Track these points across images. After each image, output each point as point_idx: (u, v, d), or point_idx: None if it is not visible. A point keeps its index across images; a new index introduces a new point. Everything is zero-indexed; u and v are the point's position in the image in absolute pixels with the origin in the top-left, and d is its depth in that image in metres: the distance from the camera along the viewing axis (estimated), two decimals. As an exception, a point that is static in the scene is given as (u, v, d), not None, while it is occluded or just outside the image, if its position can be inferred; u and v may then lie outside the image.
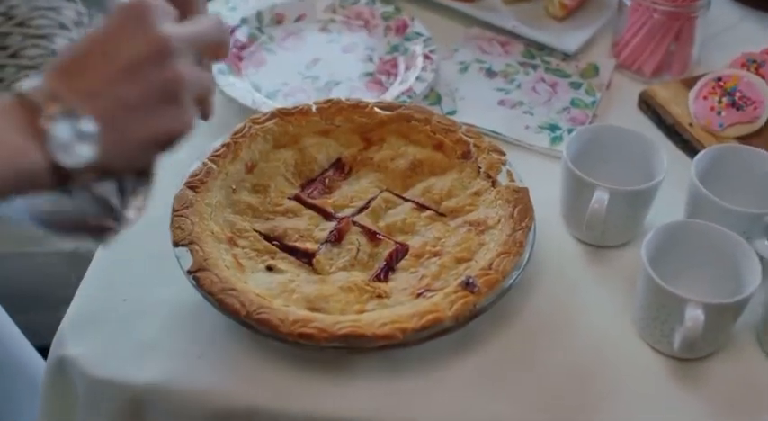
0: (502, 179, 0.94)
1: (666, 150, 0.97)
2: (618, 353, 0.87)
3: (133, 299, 0.89)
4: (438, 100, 1.13)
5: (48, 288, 1.42)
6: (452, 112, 1.11)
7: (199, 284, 0.82)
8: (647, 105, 1.13)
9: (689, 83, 1.13)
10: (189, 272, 0.83)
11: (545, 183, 0.97)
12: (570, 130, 1.09)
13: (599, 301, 0.91)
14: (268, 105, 1.06)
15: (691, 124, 1.08)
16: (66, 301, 0.89)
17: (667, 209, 0.96)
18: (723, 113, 1.06)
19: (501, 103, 1.13)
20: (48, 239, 1.45)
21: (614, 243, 0.96)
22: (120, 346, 0.85)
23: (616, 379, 0.85)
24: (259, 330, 0.80)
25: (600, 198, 0.89)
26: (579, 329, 0.88)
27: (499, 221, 0.90)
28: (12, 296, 1.51)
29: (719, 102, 1.07)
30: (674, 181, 0.94)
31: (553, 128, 1.10)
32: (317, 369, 0.83)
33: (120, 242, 0.94)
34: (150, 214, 0.94)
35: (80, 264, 0.93)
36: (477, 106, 1.12)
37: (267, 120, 0.98)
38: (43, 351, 0.87)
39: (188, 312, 0.87)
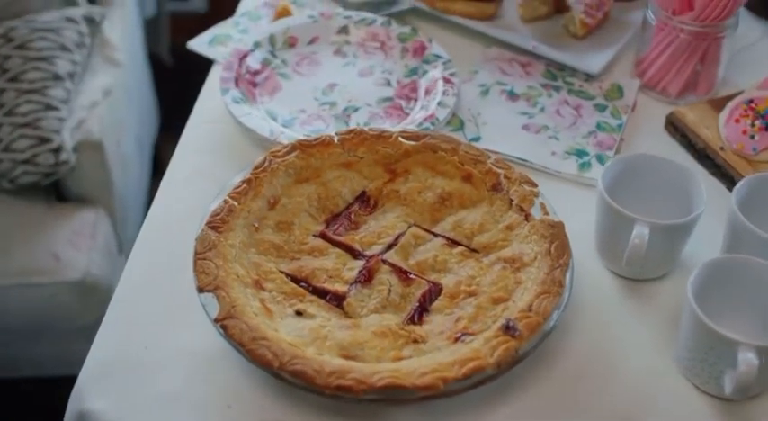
0: (535, 212, 0.90)
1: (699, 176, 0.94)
2: (662, 394, 0.83)
3: (155, 346, 0.85)
4: (461, 125, 1.09)
5: (53, 320, 1.37)
6: (476, 139, 1.07)
7: (228, 334, 0.78)
8: (675, 128, 1.10)
9: (716, 104, 1.10)
10: (216, 320, 0.79)
11: (575, 212, 0.93)
12: (598, 156, 1.05)
13: (639, 339, 0.88)
14: (286, 135, 1.02)
15: (722, 148, 1.05)
16: (72, 333, 0.85)
17: (702, 238, 0.92)
18: (756, 137, 1.03)
19: (525, 127, 1.09)
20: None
21: (651, 276, 0.93)
22: (142, 398, 0.81)
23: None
24: (293, 382, 0.76)
25: (640, 233, 0.85)
26: (621, 370, 0.85)
27: (535, 258, 0.86)
28: (17, 327, 1.46)
29: (752, 125, 1.03)
30: (707, 208, 0.90)
31: (580, 153, 1.06)
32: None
33: (138, 285, 0.91)
34: (170, 255, 0.91)
35: (86, 295, 0.89)
36: (500, 132, 1.08)
37: (288, 152, 0.94)
38: (48, 383, 0.82)
39: (214, 360, 0.83)
